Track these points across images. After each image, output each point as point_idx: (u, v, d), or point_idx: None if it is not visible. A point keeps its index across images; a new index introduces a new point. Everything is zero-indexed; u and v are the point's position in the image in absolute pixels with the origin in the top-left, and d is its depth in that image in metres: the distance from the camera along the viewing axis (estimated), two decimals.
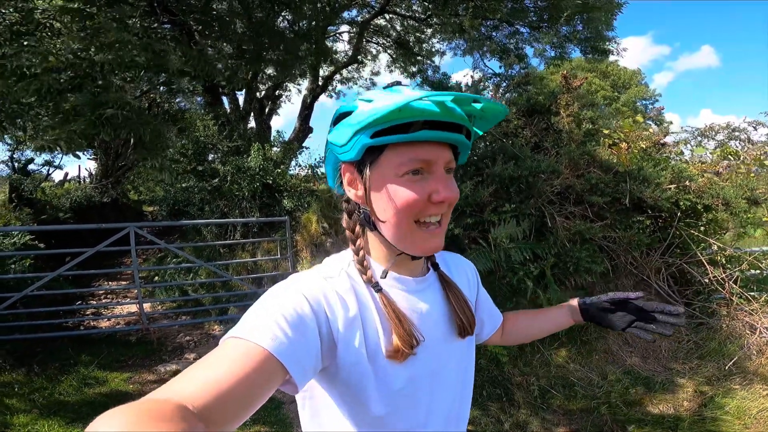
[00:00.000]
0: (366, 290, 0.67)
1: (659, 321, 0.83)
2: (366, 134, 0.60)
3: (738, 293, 3.56)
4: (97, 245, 4.01)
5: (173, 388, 0.43)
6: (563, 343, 3.42)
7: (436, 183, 0.62)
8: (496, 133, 3.79)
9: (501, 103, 0.67)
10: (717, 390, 2.98)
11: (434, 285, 0.75)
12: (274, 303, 0.58)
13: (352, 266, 0.70)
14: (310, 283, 0.64)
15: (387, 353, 0.63)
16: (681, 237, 3.66)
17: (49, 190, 9.17)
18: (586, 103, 4.24)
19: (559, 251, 3.46)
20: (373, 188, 0.64)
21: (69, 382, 3.27)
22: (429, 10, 8.15)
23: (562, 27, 7.01)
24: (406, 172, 0.61)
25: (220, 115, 7.39)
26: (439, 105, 0.58)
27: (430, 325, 0.69)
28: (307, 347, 0.56)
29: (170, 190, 6.98)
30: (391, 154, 0.62)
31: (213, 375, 0.45)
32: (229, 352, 0.50)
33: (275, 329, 0.52)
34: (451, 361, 0.73)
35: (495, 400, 2.95)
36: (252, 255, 5.70)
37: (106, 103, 3.22)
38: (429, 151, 0.61)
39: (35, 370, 3.41)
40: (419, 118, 0.58)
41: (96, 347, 3.94)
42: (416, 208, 0.62)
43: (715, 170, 3.93)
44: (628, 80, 24.08)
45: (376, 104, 0.60)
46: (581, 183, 3.51)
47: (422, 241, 0.65)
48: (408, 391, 0.66)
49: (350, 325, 0.62)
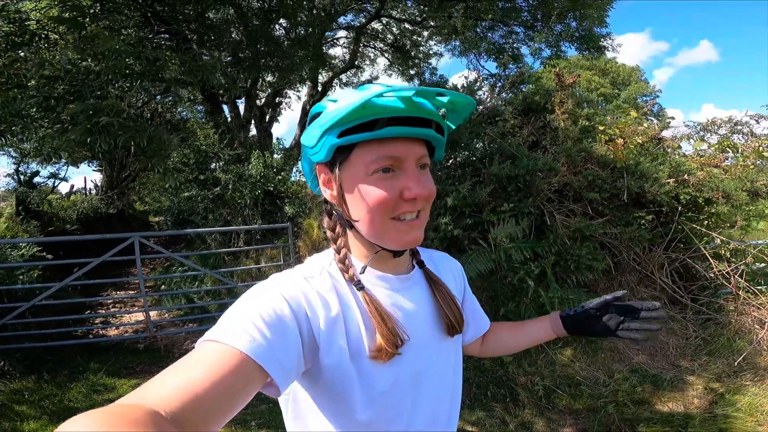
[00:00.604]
0: (348, 289, 0.66)
1: (643, 318, 0.81)
2: (333, 134, 0.60)
3: (745, 287, 3.52)
4: (103, 255, 4.07)
5: (145, 393, 0.42)
6: (568, 342, 3.40)
7: (407, 179, 0.61)
8: (492, 133, 3.80)
9: (466, 95, 0.66)
10: (728, 387, 2.93)
11: (420, 283, 0.74)
12: (252, 304, 0.57)
13: (333, 265, 0.69)
14: (289, 283, 0.62)
15: (371, 353, 0.62)
16: (683, 231, 3.63)
17: (56, 202, 9.27)
18: (581, 100, 4.24)
19: (559, 249, 3.45)
20: (345, 188, 0.64)
21: (78, 389, 3.32)
22: (424, 12, 8.19)
23: (556, 25, 7.03)
24: (376, 170, 0.60)
25: (221, 124, 7.46)
26: (403, 100, 0.58)
27: (415, 324, 0.68)
28: (287, 348, 0.54)
29: (174, 200, 7.06)
30: (360, 152, 0.61)
31: (186, 379, 0.44)
32: (204, 355, 0.48)
33: (252, 331, 0.51)
34: (438, 360, 0.71)
35: (499, 400, 2.94)
36: (256, 262, 5.74)
37: (101, 110, 3.24)
38: (398, 148, 0.60)
39: (45, 377, 3.46)
40: (384, 115, 0.58)
41: (104, 355, 4.00)
42: (388, 206, 0.61)
43: (714, 163, 3.91)
44: (627, 77, 24.01)
45: (340, 103, 0.60)
46: (579, 180, 3.51)
47: (399, 235, 0.63)
48: (393, 392, 0.64)
49: (332, 325, 0.61)
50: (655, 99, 22.74)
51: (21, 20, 3.30)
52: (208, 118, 7.81)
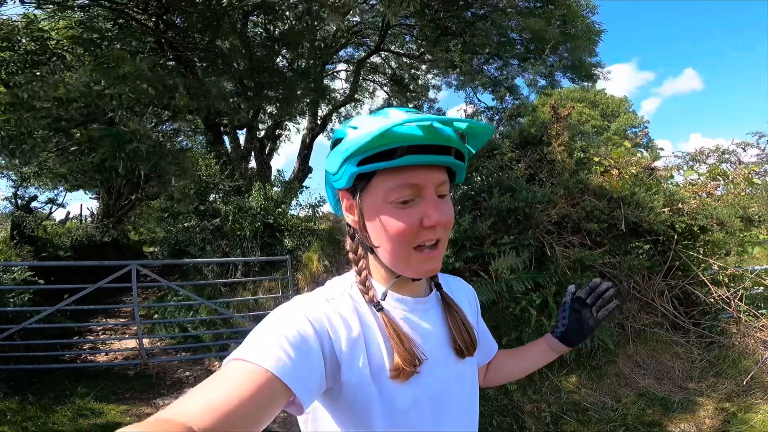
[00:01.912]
0: (368, 311, 0.67)
1: (605, 297, 0.87)
2: (353, 162, 0.61)
3: (745, 311, 3.57)
4: (97, 282, 4.05)
5: (178, 409, 0.44)
6: (572, 369, 3.38)
7: (426, 207, 0.62)
8: (491, 166, 3.90)
9: (485, 123, 0.68)
10: (739, 406, 2.94)
11: (436, 306, 0.75)
12: (277, 325, 0.58)
13: (354, 288, 0.70)
14: (312, 305, 0.64)
15: (390, 373, 0.63)
16: (681, 259, 3.69)
17: (51, 228, 9.20)
18: (576, 132, 4.39)
19: (560, 279, 3.48)
20: (366, 215, 0.65)
21: (63, 412, 3.26)
22: (422, 47, 8.54)
23: (549, 57, 7.35)
24: (396, 200, 0.61)
25: (222, 155, 7.56)
26: (423, 128, 0.59)
27: (433, 346, 0.69)
28: (311, 368, 0.56)
29: (171, 230, 7.03)
30: (380, 180, 0.62)
31: (217, 396, 0.46)
32: (232, 373, 0.50)
33: (278, 351, 0.53)
34: (455, 381, 0.72)
35: (506, 429, 2.88)
36: (253, 293, 5.68)
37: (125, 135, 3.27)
38: (417, 176, 0.61)
39: (30, 399, 3.41)
40: (403, 144, 0.59)
41: (93, 380, 3.93)
42: (409, 236, 0.62)
43: (706, 192, 4.02)
44: (616, 108, 24.75)
45: (360, 131, 0.62)
46: (577, 211, 3.58)
47: (418, 264, 0.65)
48: (413, 411, 0.65)
49: (353, 345, 0.62)
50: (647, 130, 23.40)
51: (43, 39, 3.38)
52: (210, 148, 7.92)
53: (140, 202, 10.34)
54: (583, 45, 7.31)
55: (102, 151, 3.13)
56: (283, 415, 3.25)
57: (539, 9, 6.72)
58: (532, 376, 3.34)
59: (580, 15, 7.11)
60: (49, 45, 3.49)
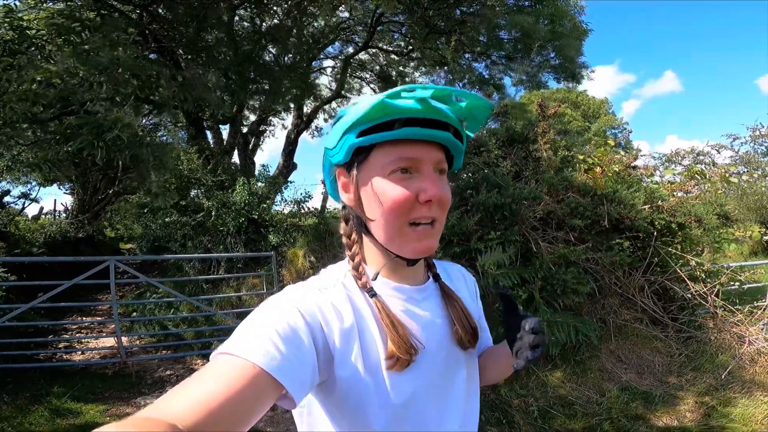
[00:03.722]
0: (362, 299, 0.65)
1: None
2: (352, 134, 0.62)
3: (722, 306, 3.70)
4: (73, 279, 3.90)
5: (161, 407, 0.42)
6: (557, 364, 3.44)
7: (423, 181, 0.61)
8: (478, 163, 3.92)
9: (483, 98, 0.66)
10: (718, 400, 3.05)
11: (434, 295, 0.73)
12: (266, 317, 0.57)
13: (348, 276, 0.68)
14: (304, 295, 0.62)
15: (386, 363, 0.61)
16: (660, 255, 3.80)
17: (23, 224, 8.85)
18: (561, 130, 4.46)
19: (545, 275, 3.53)
20: (362, 188, 0.65)
21: (40, 412, 3.18)
22: (410, 44, 8.53)
23: (536, 56, 7.46)
24: (394, 170, 0.61)
25: (204, 149, 7.39)
26: (421, 102, 0.59)
27: (431, 335, 0.67)
28: (302, 361, 0.54)
29: (151, 226, 6.83)
30: (379, 153, 0.62)
31: (203, 393, 0.44)
32: (219, 368, 0.49)
33: (267, 344, 0.51)
34: (456, 372, 0.70)
35: (494, 424, 2.92)
36: (237, 290, 5.58)
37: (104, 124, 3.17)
38: (416, 150, 0.61)
39: (5, 399, 3.32)
40: (401, 116, 0.59)
41: (70, 379, 3.83)
42: (405, 206, 0.61)
43: (684, 190, 4.15)
44: (597, 109, 25.34)
45: (359, 105, 0.62)
46: (562, 208, 3.64)
47: (413, 242, 0.63)
48: (411, 404, 0.63)
49: (347, 336, 0.61)
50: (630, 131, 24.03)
51: (22, 28, 3.26)
52: (191, 142, 7.73)
53: (117, 196, 10.03)
54: (571, 44, 7.44)
55: (80, 140, 3.01)
56: (269, 413, 3.20)
57: (528, 7, 6.81)
58: None
59: (568, 14, 7.24)
60: (28, 34, 3.36)
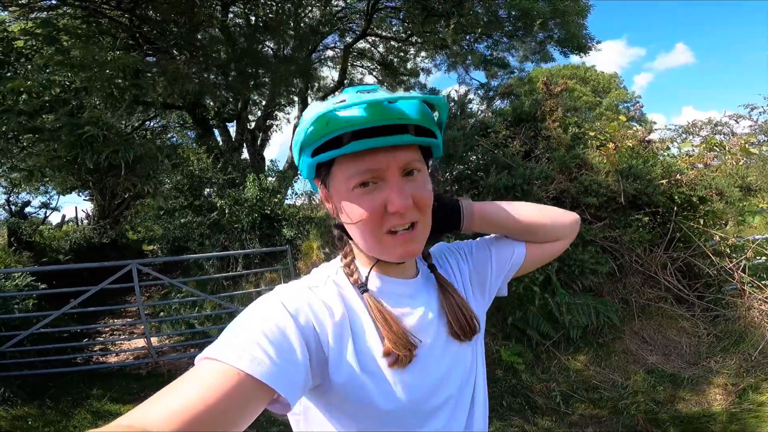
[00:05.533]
0: (354, 295, 0.63)
1: None
2: (306, 154, 0.58)
3: (749, 282, 3.56)
4: (99, 284, 4.03)
5: (137, 416, 0.41)
6: (579, 347, 3.40)
7: (389, 191, 0.56)
8: (486, 144, 3.85)
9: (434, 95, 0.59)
10: (748, 382, 2.94)
11: (429, 288, 0.70)
12: (254, 319, 0.54)
13: (339, 273, 0.67)
14: (293, 295, 0.60)
15: (386, 360, 0.59)
16: (681, 231, 3.69)
17: (48, 232, 9.14)
18: (569, 107, 4.34)
19: (562, 256, 3.46)
20: (334, 203, 0.62)
21: (82, 415, 3.30)
22: (409, 29, 8.38)
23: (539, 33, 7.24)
24: (355, 186, 0.57)
25: (213, 148, 7.46)
26: (368, 110, 0.53)
27: (429, 329, 0.65)
28: (294, 364, 0.52)
29: (169, 227, 6.98)
30: (339, 168, 0.58)
31: (182, 400, 0.42)
32: (201, 374, 0.47)
33: (254, 348, 0.49)
34: (459, 364, 0.68)
35: (516, 410, 2.90)
36: (255, 286, 5.67)
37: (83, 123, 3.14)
38: (375, 160, 0.56)
39: (48, 404, 3.44)
40: (348, 129, 0.53)
41: (107, 381, 3.97)
42: (373, 221, 0.58)
43: (703, 162, 4.01)
44: (607, 84, 24.59)
45: (302, 121, 0.57)
46: (575, 186, 3.56)
47: (393, 249, 0.60)
48: (414, 400, 0.61)
49: (339, 333, 0.59)
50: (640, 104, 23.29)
51: (8, 39, 3.29)
52: (199, 142, 7.81)
53: (135, 200, 10.23)
54: (573, 21, 7.20)
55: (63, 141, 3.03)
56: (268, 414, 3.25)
57: None
58: (539, 355, 3.36)
59: None
60: (15, 45, 3.38)
